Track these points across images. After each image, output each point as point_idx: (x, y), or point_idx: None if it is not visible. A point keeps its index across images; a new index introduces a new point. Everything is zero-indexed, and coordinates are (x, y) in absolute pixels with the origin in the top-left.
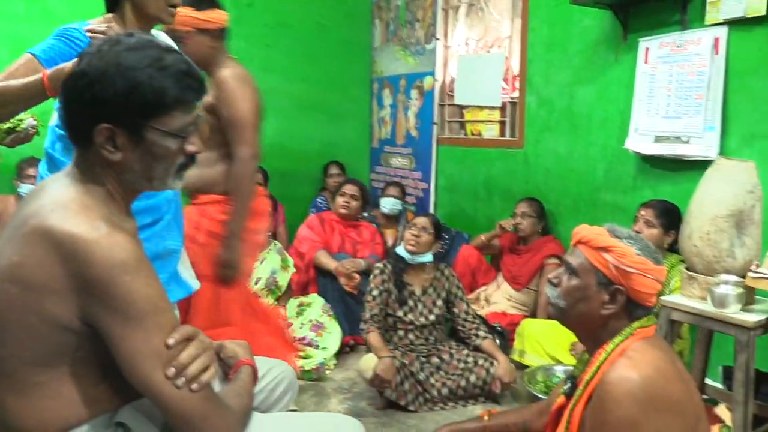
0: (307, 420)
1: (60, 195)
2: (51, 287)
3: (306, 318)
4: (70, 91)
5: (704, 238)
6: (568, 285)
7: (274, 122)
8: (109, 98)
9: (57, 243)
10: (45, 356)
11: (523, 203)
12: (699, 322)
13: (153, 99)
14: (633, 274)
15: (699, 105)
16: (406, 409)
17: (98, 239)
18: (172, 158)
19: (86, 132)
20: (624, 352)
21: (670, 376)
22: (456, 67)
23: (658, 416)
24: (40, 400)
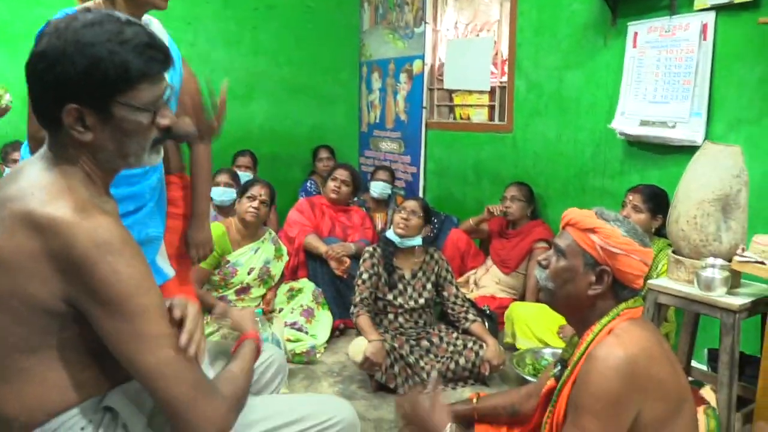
0: (299, 401)
1: (38, 178)
2: (33, 270)
3: (297, 303)
4: (32, 74)
5: (691, 222)
6: (556, 266)
7: (263, 106)
8: (71, 78)
9: (38, 226)
10: (29, 341)
11: (512, 187)
12: (685, 306)
13: (116, 74)
14: (619, 255)
15: (686, 90)
16: (396, 392)
17: (80, 221)
18: (144, 133)
19: (54, 114)
20: (611, 331)
21: (656, 357)
22: (445, 51)
23: (640, 395)
24: (25, 385)
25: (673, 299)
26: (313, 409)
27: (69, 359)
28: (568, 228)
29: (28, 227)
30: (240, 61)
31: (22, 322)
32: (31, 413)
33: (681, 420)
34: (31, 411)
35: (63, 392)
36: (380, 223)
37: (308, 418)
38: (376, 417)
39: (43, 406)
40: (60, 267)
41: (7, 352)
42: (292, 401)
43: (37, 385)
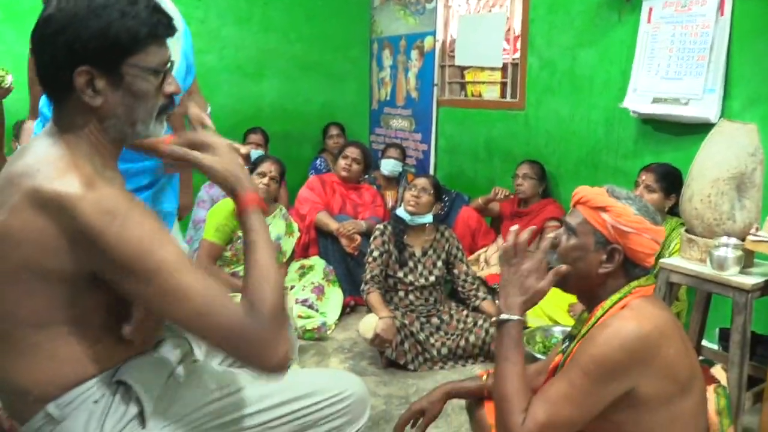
0: (310, 375)
1: (44, 153)
2: (45, 244)
3: (308, 280)
4: (41, 39)
5: (705, 201)
6: (567, 245)
7: (274, 83)
8: (83, 40)
9: (44, 202)
10: (39, 315)
11: (524, 165)
12: (698, 285)
13: (128, 36)
14: (630, 234)
15: (701, 66)
16: (405, 369)
17: (84, 194)
18: (152, 98)
19: (63, 80)
20: (626, 306)
21: (668, 335)
22: (457, 27)
23: (639, 370)
24: (37, 360)
25: (685, 278)
26: (323, 384)
27: (79, 334)
28: (578, 206)
29: (36, 204)
30: (250, 38)
31: (33, 294)
32: (44, 387)
33: (690, 399)
34: (44, 385)
35: (74, 366)
36: (391, 201)
37: (319, 392)
38: (386, 393)
39: (56, 380)
40: (73, 239)
41: (18, 326)
42: (303, 375)
43: (48, 359)
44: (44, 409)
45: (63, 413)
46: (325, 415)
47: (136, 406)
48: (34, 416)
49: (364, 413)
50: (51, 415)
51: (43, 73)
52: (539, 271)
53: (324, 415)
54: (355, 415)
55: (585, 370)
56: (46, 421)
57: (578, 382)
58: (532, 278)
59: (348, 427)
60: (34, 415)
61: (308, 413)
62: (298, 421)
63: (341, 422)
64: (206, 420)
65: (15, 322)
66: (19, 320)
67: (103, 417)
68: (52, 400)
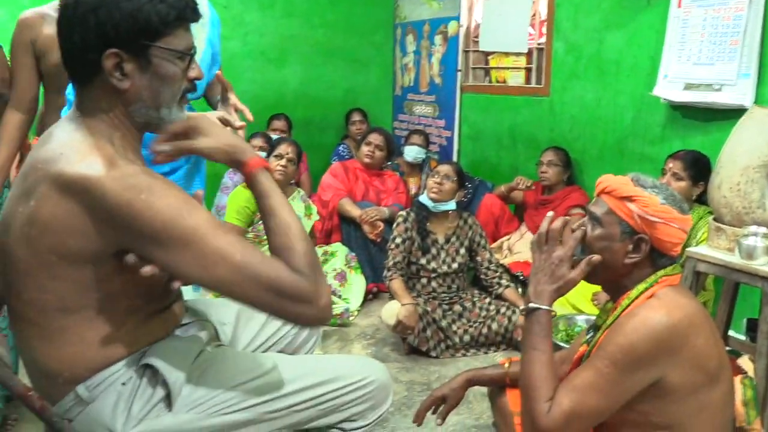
0: (333, 361)
1: (66, 138)
2: (73, 227)
3: (330, 267)
4: (70, 20)
5: (734, 189)
6: (592, 235)
7: (297, 69)
8: (115, 22)
9: (69, 186)
10: (65, 299)
11: (548, 152)
12: (725, 274)
13: (158, 19)
14: (657, 224)
15: (734, 51)
16: (428, 355)
17: (107, 173)
18: (178, 82)
19: (91, 62)
20: (653, 295)
21: (697, 325)
22: (481, 11)
23: (667, 360)
24: (65, 344)
25: (712, 267)
26: (347, 369)
27: (104, 318)
28: (603, 196)
29: (61, 188)
30: (273, 23)
31: (60, 279)
32: (73, 369)
33: (718, 389)
34: (73, 367)
35: (102, 350)
36: (414, 188)
37: (342, 377)
38: (408, 379)
39: (84, 362)
40: (101, 218)
41: (45, 312)
42: (327, 361)
43: (76, 343)
44: (74, 390)
45: (92, 395)
46: (348, 400)
47: (162, 389)
48: (64, 398)
49: (386, 399)
50: (80, 397)
51: (70, 56)
52: (570, 260)
53: (347, 400)
54: (378, 401)
55: (612, 359)
56: (75, 402)
57: (605, 371)
58: (563, 267)
59: (371, 412)
60: (64, 397)
61: (332, 398)
62: (321, 406)
63: (364, 407)
64: (232, 403)
65: (41, 307)
66: (46, 306)
67: (131, 399)
68: (81, 382)
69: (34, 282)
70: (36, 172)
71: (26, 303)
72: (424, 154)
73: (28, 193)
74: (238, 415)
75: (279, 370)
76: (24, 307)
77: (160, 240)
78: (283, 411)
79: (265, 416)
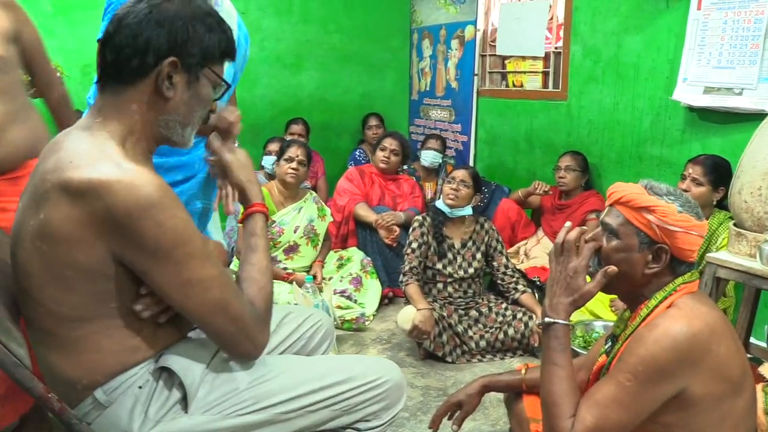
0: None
1: (77, 146)
2: (80, 237)
3: (346, 271)
4: (140, 22)
5: (755, 194)
6: (609, 246)
7: (313, 74)
8: (186, 37)
9: (79, 193)
10: (81, 310)
11: (566, 156)
12: (746, 280)
13: (219, 45)
14: (677, 233)
15: (754, 54)
16: (443, 360)
17: (119, 178)
18: (207, 107)
19: (144, 64)
20: (672, 304)
21: (719, 333)
22: (498, 15)
23: (690, 371)
24: (82, 353)
25: (733, 273)
26: (361, 370)
27: (120, 326)
28: (618, 206)
29: (70, 196)
30: (290, 29)
31: (74, 291)
32: (91, 376)
33: (740, 398)
34: (91, 374)
35: (118, 356)
36: (430, 192)
37: (356, 377)
38: (423, 384)
39: (101, 369)
40: (105, 228)
41: (61, 324)
42: (341, 361)
43: (92, 352)
44: (92, 395)
45: (110, 398)
46: (362, 400)
47: (178, 391)
48: (82, 402)
49: (400, 399)
50: (98, 401)
51: (123, 54)
52: (586, 271)
53: (361, 400)
54: (392, 401)
55: (634, 372)
56: (93, 406)
57: (627, 385)
58: (579, 279)
59: (385, 412)
60: (82, 401)
61: (346, 398)
62: (336, 406)
63: (378, 408)
64: (247, 404)
65: (58, 318)
66: (62, 316)
67: (148, 402)
68: (99, 386)
69: (49, 295)
70: (45, 184)
71: (42, 314)
72: (441, 159)
73: (37, 206)
74: (253, 416)
75: (293, 371)
76: (40, 318)
77: (156, 258)
78: (298, 411)
79: (280, 417)
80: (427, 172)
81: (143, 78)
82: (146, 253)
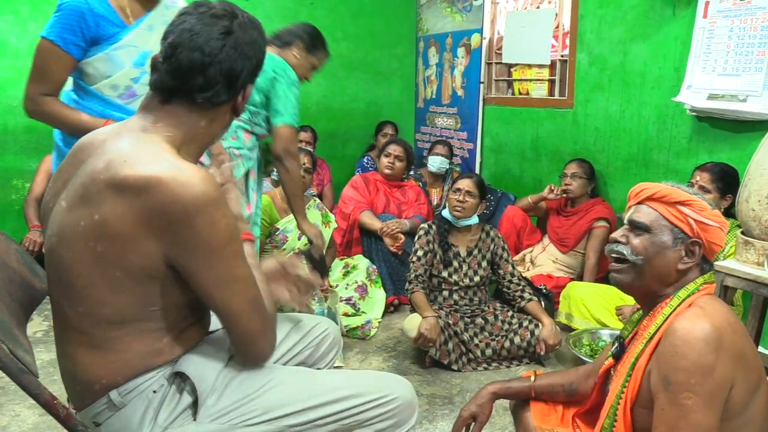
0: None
1: (127, 146)
2: (135, 237)
3: (351, 279)
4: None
5: (763, 202)
6: (643, 242)
7: (320, 82)
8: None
9: (136, 190)
10: (123, 312)
11: (573, 164)
12: (754, 289)
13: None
14: (711, 227)
15: (760, 62)
16: (449, 369)
17: (175, 176)
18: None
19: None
20: (692, 303)
21: (740, 332)
22: (504, 24)
23: (730, 364)
24: (111, 353)
25: (741, 282)
26: (371, 385)
27: (153, 329)
28: (649, 202)
29: (127, 193)
30: None
31: (122, 292)
32: (113, 376)
33: (757, 402)
34: (114, 374)
35: (143, 358)
36: (436, 198)
37: (366, 393)
38: (429, 393)
39: (125, 370)
40: (159, 225)
41: (100, 323)
42: (352, 376)
43: (122, 353)
44: (107, 395)
45: (124, 400)
46: (371, 416)
47: (190, 396)
48: (96, 401)
49: (411, 417)
50: (113, 402)
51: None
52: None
53: (371, 416)
54: (403, 419)
55: (689, 388)
56: (107, 406)
57: (692, 404)
58: None
59: (395, 429)
60: (96, 401)
61: (354, 413)
62: (344, 421)
63: (387, 425)
64: (254, 414)
65: (97, 320)
66: (102, 318)
67: (159, 407)
68: (116, 387)
69: (94, 296)
70: (97, 184)
71: (82, 315)
72: (448, 165)
73: (89, 206)
74: (260, 428)
75: (304, 384)
76: (78, 318)
77: (207, 254)
78: (306, 425)
79: (287, 429)
80: (433, 177)
81: (214, 97)
82: (198, 250)
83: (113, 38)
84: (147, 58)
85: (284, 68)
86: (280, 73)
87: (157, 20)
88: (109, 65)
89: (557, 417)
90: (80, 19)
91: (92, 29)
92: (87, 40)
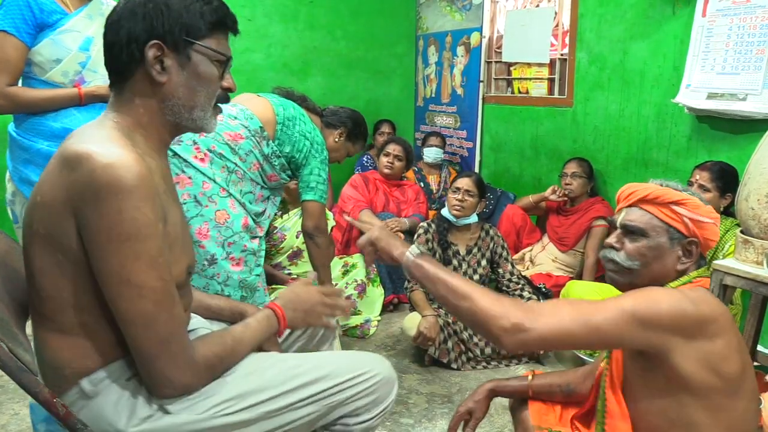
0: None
1: (82, 130)
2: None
3: (351, 278)
4: (119, 15)
5: (762, 201)
6: (638, 246)
7: (319, 81)
8: (163, 17)
9: (70, 164)
10: (80, 296)
11: (572, 163)
12: (753, 288)
13: (202, 19)
14: (707, 224)
15: (759, 60)
16: (449, 367)
17: (102, 154)
18: (213, 85)
19: (133, 54)
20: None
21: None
22: (504, 22)
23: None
24: (79, 339)
25: (740, 281)
26: (347, 364)
27: None
28: (643, 204)
29: (61, 164)
30: (296, 36)
31: (69, 277)
32: (83, 362)
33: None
34: (83, 360)
35: (113, 346)
36: (434, 184)
37: (343, 372)
38: (428, 391)
39: (94, 356)
40: (76, 202)
41: (64, 308)
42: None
43: (90, 339)
44: (78, 384)
45: (96, 389)
46: (350, 394)
47: None
48: (69, 390)
49: (390, 392)
50: (84, 391)
51: (114, 51)
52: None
53: (350, 394)
54: (382, 395)
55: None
56: (79, 396)
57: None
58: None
59: (374, 406)
60: (69, 390)
61: (332, 393)
62: (323, 401)
63: (367, 401)
64: (231, 404)
65: (60, 304)
66: (63, 303)
67: (135, 396)
68: (87, 375)
69: (50, 281)
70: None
71: (45, 300)
72: (442, 154)
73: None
74: (238, 416)
75: (277, 368)
76: (43, 304)
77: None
78: (284, 409)
79: (266, 415)
80: (430, 167)
81: (136, 69)
82: (99, 235)
83: (57, 23)
84: (91, 44)
85: (322, 147)
86: (318, 149)
87: (95, 11)
88: (56, 49)
89: (555, 416)
90: (26, 7)
91: (37, 17)
92: (35, 27)
